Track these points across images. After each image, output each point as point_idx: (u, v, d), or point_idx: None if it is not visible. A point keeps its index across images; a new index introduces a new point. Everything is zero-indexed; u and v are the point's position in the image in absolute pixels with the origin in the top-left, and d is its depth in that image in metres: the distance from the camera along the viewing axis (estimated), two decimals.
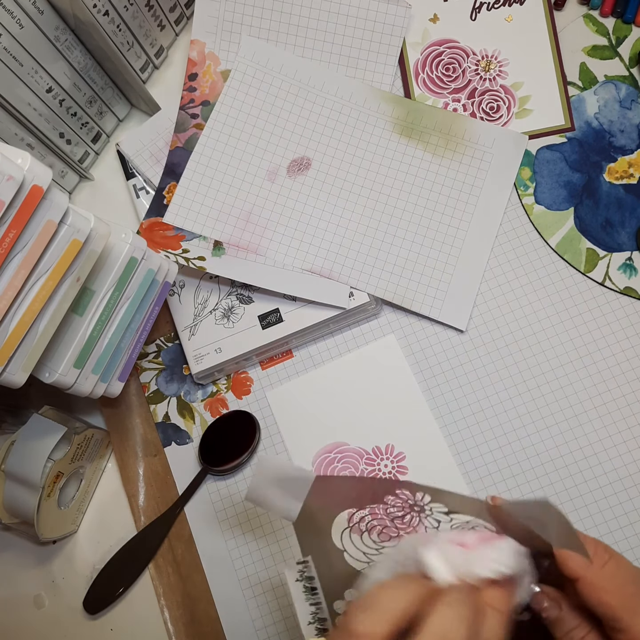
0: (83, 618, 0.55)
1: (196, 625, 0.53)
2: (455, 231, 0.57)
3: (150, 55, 0.62)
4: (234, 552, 0.54)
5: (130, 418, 0.58)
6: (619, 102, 0.59)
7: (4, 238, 0.36)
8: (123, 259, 0.46)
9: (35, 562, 0.57)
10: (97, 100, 0.60)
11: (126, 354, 0.50)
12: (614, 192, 0.57)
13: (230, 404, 0.57)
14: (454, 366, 0.55)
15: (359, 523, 0.38)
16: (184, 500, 0.55)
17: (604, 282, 0.56)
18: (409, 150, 0.59)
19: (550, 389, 0.54)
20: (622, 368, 0.54)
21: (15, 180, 0.36)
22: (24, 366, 0.40)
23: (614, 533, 0.51)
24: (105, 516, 0.57)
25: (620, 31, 0.60)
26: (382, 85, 0.61)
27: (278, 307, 0.56)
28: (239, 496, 0.55)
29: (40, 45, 0.52)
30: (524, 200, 0.58)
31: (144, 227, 0.58)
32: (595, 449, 0.53)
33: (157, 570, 0.55)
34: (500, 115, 0.60)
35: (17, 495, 0.50)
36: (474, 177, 0.58)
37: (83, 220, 0.41)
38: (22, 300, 0.39)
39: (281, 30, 0.61)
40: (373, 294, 0.56)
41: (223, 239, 0.58)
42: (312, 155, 0.59)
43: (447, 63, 0.61)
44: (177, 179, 0.59)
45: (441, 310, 0.56)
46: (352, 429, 0.55)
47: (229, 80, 0.60)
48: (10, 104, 0.51)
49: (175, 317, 0.57)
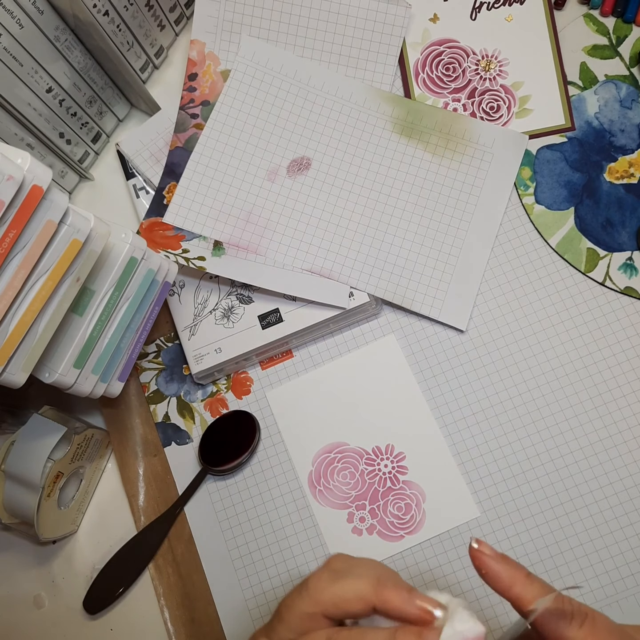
0: (83, 618, 0.55)
1: (196, 625, 0.53)
2: (455, 231, 0.57)
3: (150, 55, 0.62)
4: (234, 552, 0.54)
5: (130, 418, 0.58)
6: (619, 102, 0.59)
7: (3, 238, 0.36)
8: (123, 259, 0.46)
9: (35, 562, 0.57)
10: (97, 100, 0.60)
11: (126, 354, 0.50)
12: (614, 191, 0.57)
13: (230, 404, 0.57)
14: (454, 366, 0.55)
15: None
16: (184, 500, 0.55)
17: (604, 282, 0.55)
18: (409, 150, 0.59)
19: (550, 389, 0.54)
20: (623, 368, 0.54)
21: (15, 180, 0.36)
22: (24, 366, 0.40)
23: (615, 533, 0.51)
24: (105, 516, 0.57)
25: (620, 31, 0.60)
26: (382, 85, 0.61)
27: (278, 307, 0.56)
28: (239, 496, 0.55)
29: (40, 45, 0.52)
30: (524, 200, 0.58)
31: (144, 227, 0.58)
32: (596, 449, 0.53)
33: (157, 570, 0.55)
34: (501, 115, 0.60)
35: (17, 495, 0.50)
36: (474, 177, 0.58)
37: (83, 220, 0.41)
38: (22, 300, 0.39)
39: (281, 30, 0.61)
40: (373, 294, 0.56)
41: (223, 239, 0.58)
42: (312, 155, 0.59)
43: (447, 63, 0.61)
44: (177, 179, 0.59)
45: (441, 310, 0.56)
46: (352, 429, 0.55)
47: (229, 80, 0.60)
48: (10, 104, 0.51)
49: (175, 317, 0.57)
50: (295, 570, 0.53)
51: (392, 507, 0.53)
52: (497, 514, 0.52)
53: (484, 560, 0.30)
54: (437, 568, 0.52)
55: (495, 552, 0.30)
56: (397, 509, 0.53)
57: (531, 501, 0.52)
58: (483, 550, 0.30)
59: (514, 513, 0.52)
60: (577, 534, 0.51)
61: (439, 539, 0.52)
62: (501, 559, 0.30)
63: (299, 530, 0.54)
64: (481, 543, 0.30)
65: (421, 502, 0.53)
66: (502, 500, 0.52)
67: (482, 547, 0.30)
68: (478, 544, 0.30)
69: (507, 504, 0.52)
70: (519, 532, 0.52)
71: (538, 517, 0.52)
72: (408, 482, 0.54)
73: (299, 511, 0.54)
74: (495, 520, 0.52)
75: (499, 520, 0.52)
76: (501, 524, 0.52)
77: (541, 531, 0.52)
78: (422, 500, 0.53)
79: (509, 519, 0.52)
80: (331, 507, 0.54)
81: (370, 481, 0.54)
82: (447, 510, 0.53)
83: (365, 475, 0.54)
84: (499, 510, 0.52)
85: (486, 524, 0.52)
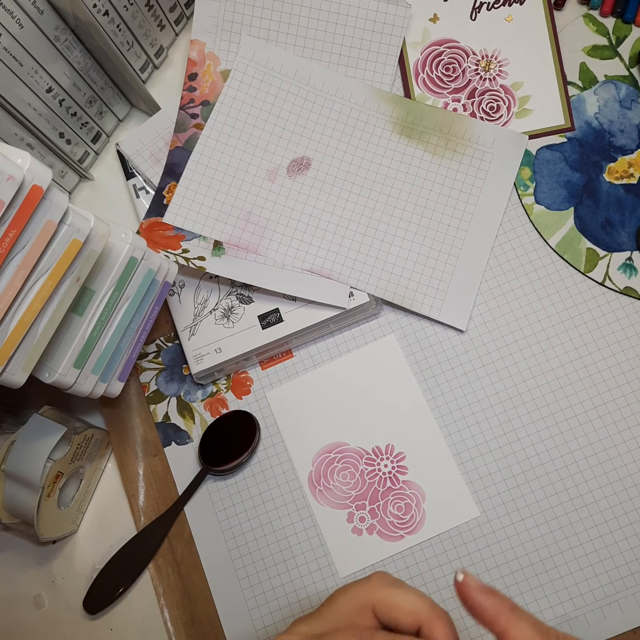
0: (83, 618, 0.55)
1: (196, 625, 0.53)
2: (455, 231, 0.57)
3: (150, 55, 0.62)
4: (234, 552, 0.54)
5: (130, 418, 0.58)
6: (619, 102, 0.59)
7: (3, 238, 0.36)
8: (123, 259, 0.46)
9: (35, 562, 0.57)
10: (97, 100, 0.60)
11: (126, 354, 0.50)
12: (614, 192, 0.57)
13: (230, 404, 0.57)
14: (454, 366, 0.55)
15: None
16: (184, 500, 0.55)
17: (604, 282, 0.56)
18: (409, 150, 0.59)
19: (550, 389, 0.54)
20: (622, 368, 0.54)
21: (15, 180, 0.36)
22: (24, 366, 0.40)
23: (614, 533, 0.51)
24: (105, 516, 0.57)
25: (620, 31, 0.60)
26: (382, 85, 0.61)
27: (278, 307, 0.56)
28: (239, 496, 0.55)
29: (40, 45, 0.52)
30: (524, 200, 0.58)
31: (144, 227, 0.58)
32: (595, 449, 0.53)
33: (157, 570, 0.55)
34: (500, 115, 0.60)
35: (17, 495, 0.50)
36: (474, 177, 0.58)
37: (83, 220, 0.41)
38: (22, 300, 0.39)
39: (281, 30, 0.61)
40: (373, 294, 0.56)
41: (223, 239, 0.58)
42: (312, 155, 0.59)
43: (447, 63, 0.61)
44: (177, 179, 0.59)
45: (441, 310, 0.56)
46: (352, 429, 0.55)
47: (229, 80, 0.60)
48: (10, 104, 0.51)
49: (175, 317, 0.57)
50: (295, 571, 0.53)
51: (392, 507, 0.53)
52: (497, 514, 0.52)
53: (468, 593, 0.29)
54: (437, 568, 0.52)
55: (480, 584, 0.30)
56: (397, 508, 0.53)
57: (531, 501, 0.52)
58: (468, 582, 0.30)
59: (514, 513, 0.52)
60: (576, 533, 0.51)
61: (439, 539, 0.52)
62: (486, 591, 0.29)
63: (299, 530, 0.54)
64: (466, 575, 0.30)
65: (421, 502, 0.53)
66: (502, 500, 0.52)
67: (467, 579, 0.30)
68: (463, 575, 0.30)
69: (507, 504, 0.52)
70: (519, 532, 0.52)
71: (538, 517, 0.52)
72: (408, 482, 0.54)
73: (299, 511, 0.54)
74: (495, 520, 0.52)
75: (499, 520, 0.52)
76: (501, 524, 0.52)
77: (541, 531, 0.52)
78: (422, 500, 0.53)
79: (508, 519, 0.52)
80: (331, 507, 0.54)
81: (370, 481, 0.54)
82: (447, 510, 0.53)
83: (365, 475, 0.54)
84: (499, 510, 0.52)
85: (486, 524, 0.52)
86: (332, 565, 0.53)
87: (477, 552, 0.52)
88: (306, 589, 0.53)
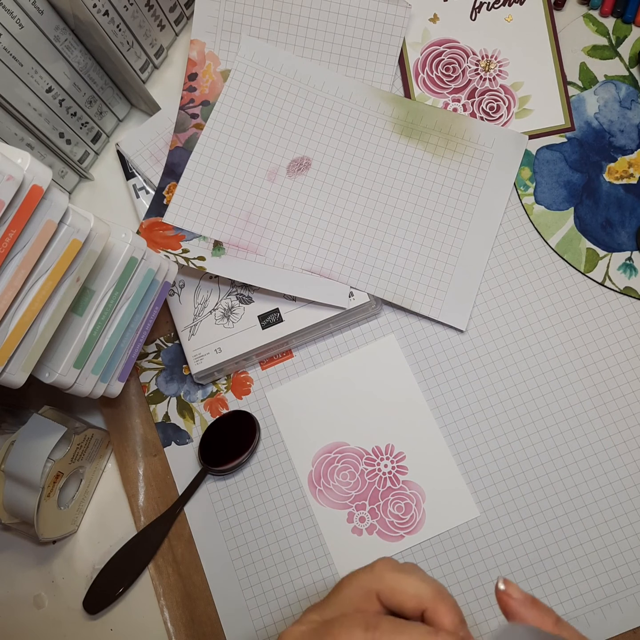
0: (83, 618, 0.55)
1: (196, 625, 0.53)
2: (455, 231, 0.57)
3: (150, 55, 0.62)
4: (234, 552, 0.54)
5: (130, 418, 0.58)
6: (619, 102, 0.59)
7: (3, 238, 0.36)
8: (123, 259, 0.46)
9: (35, 562, 0.57)
10: (97, 100, 0.60)
11: (126, 354, 0.50)
12: (614, 192, 0.57)
13: (230, 404, 0.57)
14: (454, 366, 0.55)
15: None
16: (183, 500, 0.55)
17: (604, 282, 0.56)
18: (409, 150, 0.59)
19: (550, 389, 0.54)
20: (622, 368, 0.54)
21: (15, 180, 0.36)
22: (24, 366, 0.40)
23: (614, 533, 0.51)
24: (105, 516, 0.57)
25: (620, 31, 0.60)
26: (382, 85, 0.61)
27: (278, 307, 0.56)
28: (239, 496, 0.55)
29: (40, 45, 0.52)
30: (524, 200, 0.58)
31: (144, 227, 0.58)
32: (595, 449, 0.53)
33: (157, 570, 0.55)
34: (500, 115, 0.60)
35: (17, 495, 0.50)
36: (474, 177, 0.58)
37: (83, 220, 0.41)
38: (22, 300, 0.39)
39: (281, 30, 0.61)
40: (373, 294, 0.56)
41: (223, 239, 0.58)
42: (312, 155, 0.59)
43: (447, 63, 0.61)
44: (177, 179, 0.59)
45: (441, 310, 0.56)
46: (352, 429, 0.55)
47: (229, 80, 0.60)
48: (10, 104, 0.51)
49: (175, 317, 0.57)
50: (295, 571, 0.53)
51: (392, 507, 0.53)
52: (496, 514, 0.52)
53: (511, 605, 0.28)
54: (437, 568, 0.52)
55: (524, 595, 0.28)
56: (397, 508, 0.53)
57: (531, 501, 0.52)
58: (511, 594, 0.28)
59: (514, 513, 0.52)
60: (576, 533, 0.51)
61: (439, 539, 0.52)
62: (530, 604, 0.28)
63: (299, 530, 0.54)
64: (509, 585, 0.28)
65: (421, 502, 0.53)
66: (502, 500, 0.53)
67: (510, 589, 0.28)
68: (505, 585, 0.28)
69: (506, 503, 0.52)
70: (519, 532, 0.52)
71: (538, 517, 0.52)
72: (408, 482, 0.54)
73: (299, 511, 0.54)
74: (495, 520, 0.52)
75: (499, 520, 0.52)
76: (501, 523, 0.52)
77: (541, 531, 0.52)
78: (422, 500, 0.53)
79: (508, 518, 0.52)
80: (331, 507, 0.54)
81: (370, 481, 0.54)
82: (447, 510, 0.53)
83: (365, 475, 0.54)
84: (499, 510, 0.52)
85: (486, 524, 0.52)
86: (332, 565, 0.53)
87: (477, 552, 0.52)
88: (306, 589, 0.53)
